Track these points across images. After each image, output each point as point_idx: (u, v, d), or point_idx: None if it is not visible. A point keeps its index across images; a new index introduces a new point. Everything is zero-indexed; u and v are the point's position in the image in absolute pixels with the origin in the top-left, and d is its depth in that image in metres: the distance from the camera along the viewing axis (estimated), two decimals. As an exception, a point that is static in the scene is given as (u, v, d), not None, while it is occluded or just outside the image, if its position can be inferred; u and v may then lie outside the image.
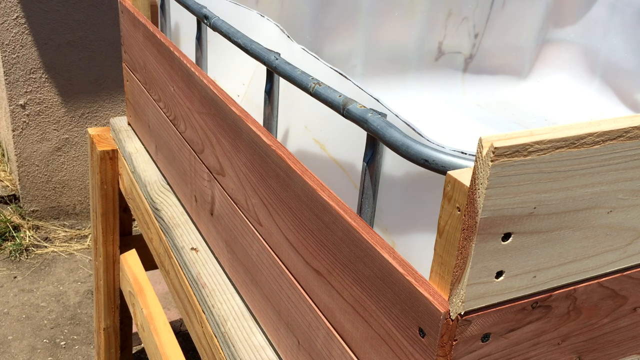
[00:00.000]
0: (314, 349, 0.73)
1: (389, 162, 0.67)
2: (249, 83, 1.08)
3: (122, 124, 1.51)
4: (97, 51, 2.30)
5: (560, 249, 0.52)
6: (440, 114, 1.54)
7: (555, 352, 0.59)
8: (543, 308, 0.55)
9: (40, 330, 2.09)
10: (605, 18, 1.56)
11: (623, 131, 0.48)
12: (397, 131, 0.60)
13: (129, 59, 1.39)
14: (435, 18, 1.54)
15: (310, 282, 0.71)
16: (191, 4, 1.02)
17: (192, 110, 1.02)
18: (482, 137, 0.45)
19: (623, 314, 0.62)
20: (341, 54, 1.49)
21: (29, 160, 2.37)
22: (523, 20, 1.61)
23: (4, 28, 2.15)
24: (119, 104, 2.42)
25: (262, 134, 0.79)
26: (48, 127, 2.34)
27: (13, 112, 2.27)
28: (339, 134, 0.80)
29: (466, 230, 0.47)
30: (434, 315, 0.51)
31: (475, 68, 1.64)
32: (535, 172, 0.46)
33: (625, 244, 0.56)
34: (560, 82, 1.67)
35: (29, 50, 2.21)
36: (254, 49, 0.85)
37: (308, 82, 0.73)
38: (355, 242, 0.61)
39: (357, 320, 0.63)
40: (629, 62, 1.52)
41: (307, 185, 0.69)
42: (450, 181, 0.49)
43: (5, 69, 2.20)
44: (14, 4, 2.13)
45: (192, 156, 1.06)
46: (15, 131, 2.30)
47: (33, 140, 2.34)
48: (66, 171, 2.45)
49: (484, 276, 0.49)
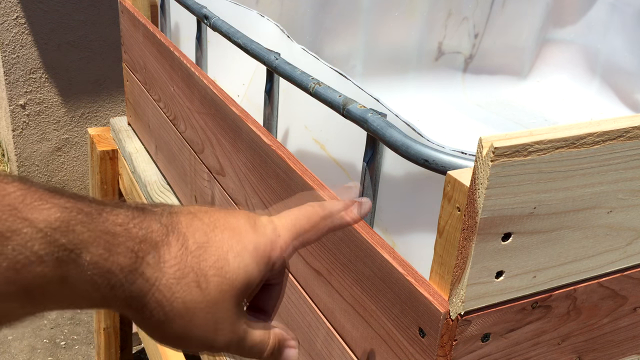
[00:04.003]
0: (314, 349, 0.73)
1: (389, 162, 0.67)
2: (249, 83, 1.08)
3: (122, 124, 1.51)
4: (97, 51, 2.30)
5: (560, 249, 0.52)
6: (440, 114, 1.54)
7: (555, 352, 0.59)
8: (543, 308, 0.55)
9: (40, 330, 2.09)
10: (605, 18, 1.56)
11: (623, 131, 0.48)
12: (397, 131, 0.60)
13: (129, 59, 1.39)
14: (435, 18, 1.54)
15: (311, 282, 0.71)
16: (191, 4, 1.02)
17: (192, 110, 1.02)
18: (482, 137, 0.45)
19: (623, 314, 0.62)
20: (341, 54, 1.49)
21: (29, 160, 2.37)
22: (523, 20, 1.61)
23: (4, 28, 2.15)
24: (119, 104, 2.42)
25: (262, 134, 0.79)
26: (48, 127, 2.34)
27: (13, 112, 2.27)
28: (339, 134, 0.80)
29: (466, 230, 0.47)
30: (434, 315, 0.51)
31: (475, 68, 1.64)
32: (535, 172, 0.46)
33: (625, 244, 0.56)
34: (560, 82, 1.67)
35: (29, 50, 2.21)
36: (254, 49, 0.85)
37: (308, 82, 0.73)
38: (355, 242, 0.61)
39: (357, 320, 0.63)
40: (629, 62, 1.52)
41: (307, 185, 0.69)
42: (450, 181, 0.49)
43: (5, 69, 2.20)
44: (14, 4, 2.13)
45: (192, 156, 1.06)
46: (15, 131, 2.30)
47: (33, 140, 2.34)
48: (66, 171, 2.45)
49: (484, 276, 0.49)
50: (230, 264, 0.40)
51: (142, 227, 0.38)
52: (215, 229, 0.41)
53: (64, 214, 0.35)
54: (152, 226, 0.38)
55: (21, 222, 0.33)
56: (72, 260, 0.35)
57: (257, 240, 0.42)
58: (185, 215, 0.41)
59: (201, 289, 0.39)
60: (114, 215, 0.37)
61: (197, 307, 0.39)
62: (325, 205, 0.48)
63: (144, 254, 0.37)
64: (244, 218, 0.43)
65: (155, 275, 0.38)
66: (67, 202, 0.35)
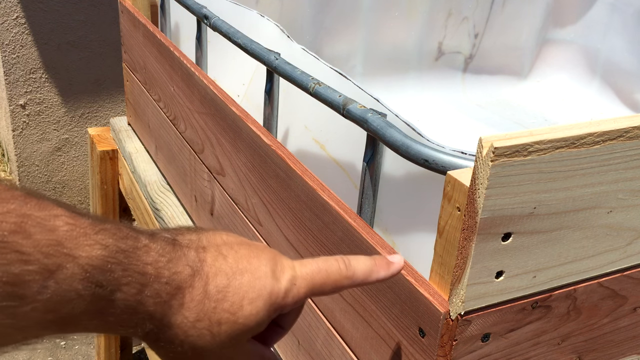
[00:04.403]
0: (314, 349, 0.73)
1: (389, 162, 0.67)
2: (249, 83, 1.08)
3: (122, 124, 1.51)
4: (97, 51, 2.30)
5: (560, 249, 0.52)
6: (440, 114, 1.54)
7: (555, 352, 0.59)
8: (543, 308, 0.55)
9: (40, 330, 2.09)
10: (605, 18, 1.56)
11: (623, 131, 0.48)
12: (397, 131, 0.60)
13: (129, 59, 1.39)
14: (435, 18, 1.54)
15: (310, 282, 0.71)
16: (191, 4, 1.02)
17: (192, 110, 1.02)
18: (482, 137, 0.45)
19: (623, 314, 0.62)
20: (341, 54, 1.49)
21: (29, 160, 2.37)
22: (523, 20, 1.61)
23: (4, 28, 2.15)
24: (119, 104, 2.42)
25: (262, 134, 0.79)
26: (48, 127, 2.34)
27: (13, 112, 2.27)
28: (339, 134, 0.80)
29: (466, 230, 0.47)
30: (434, 315, 0.51)
31: (475, 68, 1.64)
32: (535, 172, 0.46)
33: (625, 244, 0.56)
34: (560, 82, 1.67)
35: (29, 50, 2.21)
36: (254, 49, 0.85)
37: (308, 82, 0.73)
38: (355, 242, 0.61)
39: (357, 320, 0.63)
40: (629, 62, 1.52)
41: (307, 185, 0.69)
42: (450, 181, 0.49)
43: (5, 69, 2.20)
44: (14, 4, 2.13)
45: (192, 156, 1.06)
46: (15, 131, 2.30)
47: (33, 140, 2.34)
48: (66, 171, 2.45)
49: (484, 276, 0.49)
50: (243, 310, 0.43)
51: (170, 268, 0.41)
52: (235, 273, 0.44)
53: (104, 252, 0.38)
54: (179, 267, 0.42)
55: (65, 258, 0.36)
56: (105, 296, 0.38)
57: (272, 286, 0.44)
58: (212, 252, 0.44)
59: (213, 334, 0.42)
60: (146, 253, 0.40)
61: (207, 349, 0.43)
62: (351, 265, 0.48)
63: (168, 297, 0.41)
64: (266, 260, 0.46)
65: (175, 318, 0.41)
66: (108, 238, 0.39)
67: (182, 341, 0.42)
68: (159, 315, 0.41)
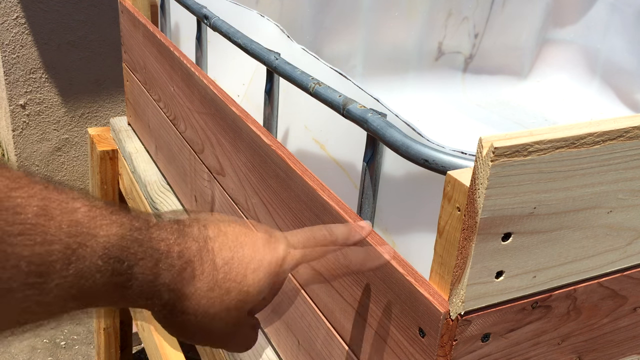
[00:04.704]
0: (314, 349, 0.73)
1: (389, 162, 0.67)
2: (249, 83, 1.08)
3: (122, 124, 1.51)
4: (97, 51, 2.30)
5: (560, 249, 0.52)
6: (440, 114, 1.54)
7: (555, 352, 0.59)
8: (543, 308, 0.55)
9: (40, 330, 2.08)
10: (605, 18, 1.56)
11: (623, 131, 0.48)
12: (397, 131, 0.60)
13: (129, 59, 1.39)
14: (435, 18, 1.54)
15: (310, 282, 0.71)
16: (191, 4, 1.02)
17: (192, 110, 1.02)
18: (482, 137, 0.45)
19: (623, 314, 0.62)
20: (341, 54, 1.49)
21: (29, 160, 2.37)
22: (523, 20, 1.61)
23: (4, 28, 2.15)
24: (119, 104, 2.42)
25: (262, 134, 0.79)
26: (48, 127, 2.34)
27: (13, 112, 2.27)
28: (339, 134, 0.80)
29: (466, 230, 0.47)
30: (434, 315, 0.51)
31: (475, 68, 1.64)
32: (535, 172, 0.46)
33: (625, 244, 0.56)
34: (560, 82, 1.67)
35: (29, 50, 2.21)
36: (254, 49, 0.85)
37: (308, 82, 0.73)
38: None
39: (357, 320, 0.63)
40: (629, 62, 1.52)
41: (307, 185, 0.69)
42: (450, 181, 0.49)
43: (5, 69, 2.20)
44: (14, 4, 2.13)
45: (192, 156, 1.06)
46: (15, 131, 2.30)
47: (33, 140, 2.34)
48: (66, 171, 2.45)
49: (484, 276, 0.49)
50: (247, 279, 0.48)
51: (179, 244, 0.45)
52: (237, 247, 0.48)
53: (120, 229, 0.41)
54: (187, 243, 0.46)
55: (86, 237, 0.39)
56: (124, 271, 0.41)
57: (271, 256, 0.49)
58: (213, 229, 0.48)
59: (222, 302, 0.47)
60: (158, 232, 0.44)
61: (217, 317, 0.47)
62: (332, 230, 0.54)
63: (181, 270, 0.45)
64: (261, 233, 0.51)
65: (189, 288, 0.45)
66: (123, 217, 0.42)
67: (196, 310, 0.46)
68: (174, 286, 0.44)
